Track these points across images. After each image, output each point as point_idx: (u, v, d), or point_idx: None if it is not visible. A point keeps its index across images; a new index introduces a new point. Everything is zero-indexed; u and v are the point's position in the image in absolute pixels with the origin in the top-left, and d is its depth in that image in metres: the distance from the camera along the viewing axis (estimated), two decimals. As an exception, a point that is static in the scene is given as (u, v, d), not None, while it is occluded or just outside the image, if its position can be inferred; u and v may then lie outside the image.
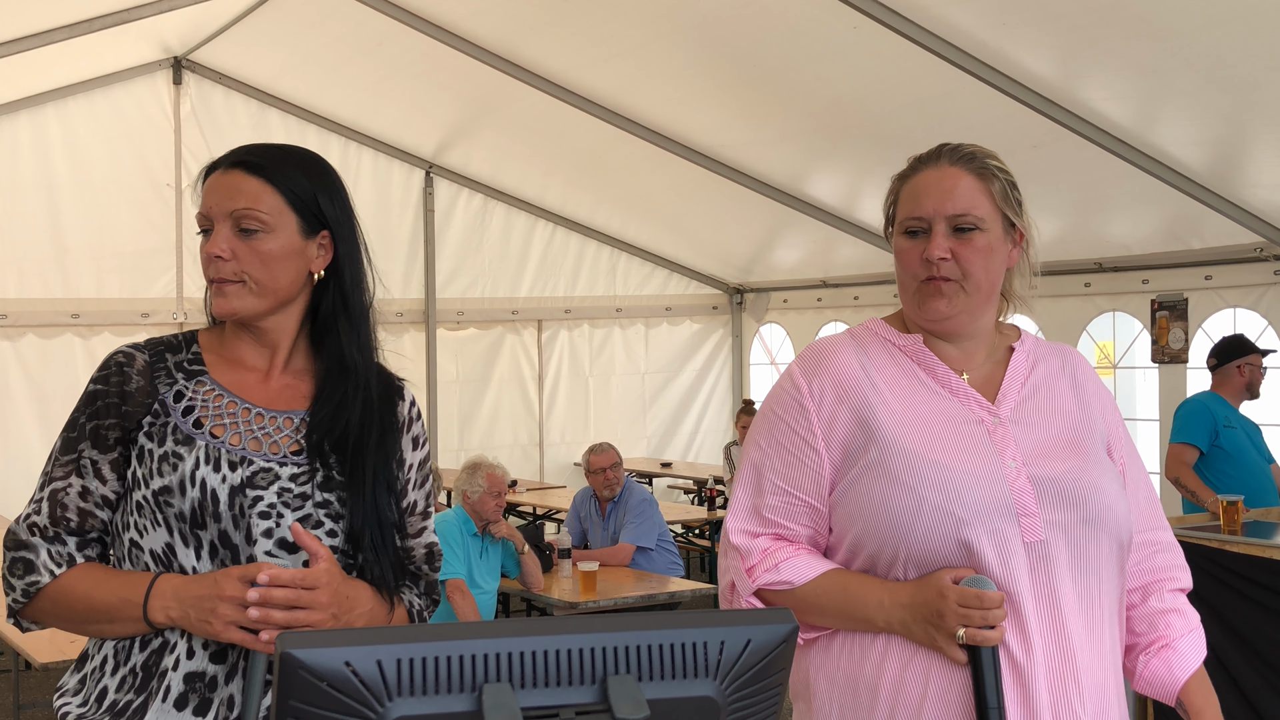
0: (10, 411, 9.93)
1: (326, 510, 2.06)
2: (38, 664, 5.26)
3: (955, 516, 2.08)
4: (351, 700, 1.24)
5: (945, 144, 2.28)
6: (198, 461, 2.02)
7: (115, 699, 2.03)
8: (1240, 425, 6.61)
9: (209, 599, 1.94)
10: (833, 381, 2.21)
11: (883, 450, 2.14)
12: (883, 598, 2.11)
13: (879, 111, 7.87)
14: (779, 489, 2.20)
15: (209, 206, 2.09)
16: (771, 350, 12.82)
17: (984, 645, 2.04)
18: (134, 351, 2.11)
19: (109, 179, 10.11)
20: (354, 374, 2.15)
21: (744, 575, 2.18)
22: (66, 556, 2.04)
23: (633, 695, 1.28)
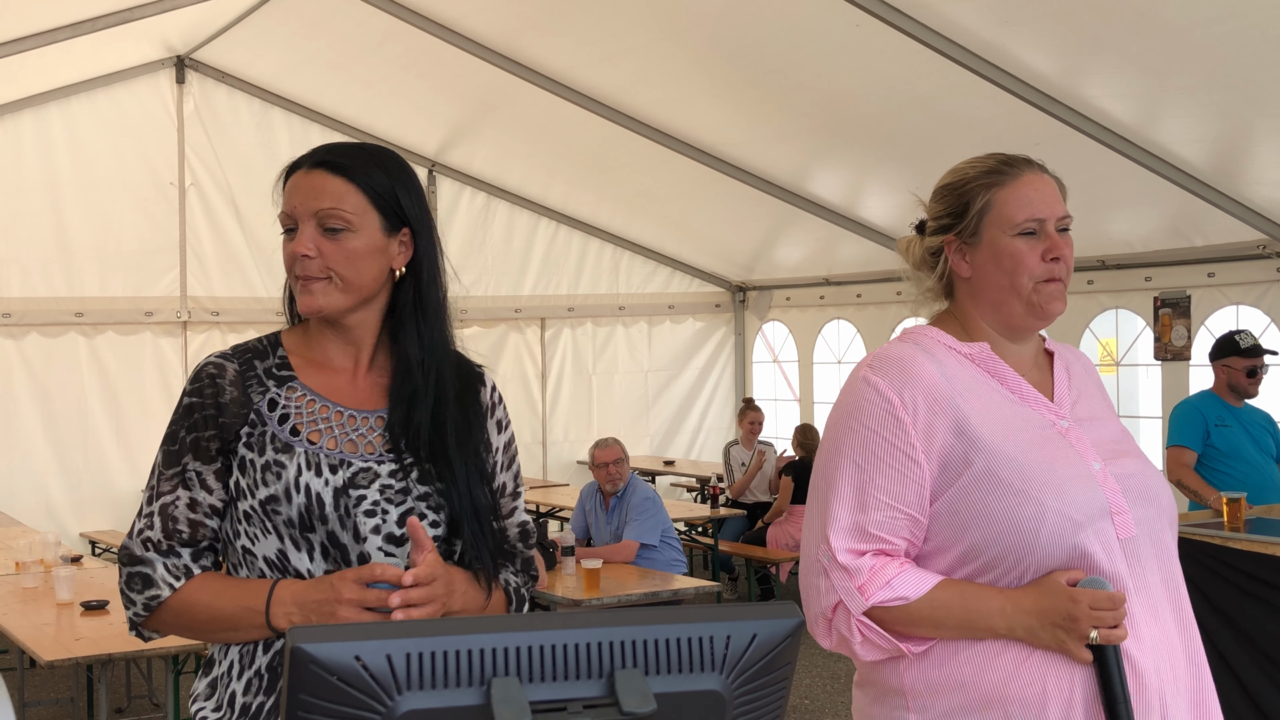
0: (14, 410, 9.94)
1: (427, 502, 2.10)
2: (43, 662, 5.26)
3: (1072, 520, 2.13)
4: (361, 694, 1.25)
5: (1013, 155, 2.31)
6: (299, 468, 2.05)
7: (245, 702, 2.06)
8: (1239, 422, 6.60)
9: (328, 603, 1.98)
10: (923, 392, 2.20)
11: (989, 459, 2.16)
12: (1005, 606, 2.13)
13: (881, 109, 7.88)
14: (883, 504, 2.19)
15: (293, 206, 2.10)
16: (774, 348, 12.83)
17: (1114, 643, 2.09)
18: (224, 361, 2.12)
19: (112, 178, 10.13)
20: (422, 371, 2.17)
21: (856, 594, 2.16)
22: (183, 569, 2.08)
23: (639, 689, 1.28)
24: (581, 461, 12.11)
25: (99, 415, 10.16)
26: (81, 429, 10.14)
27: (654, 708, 1.28)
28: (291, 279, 2.12)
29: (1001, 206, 2.26)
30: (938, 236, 2.33)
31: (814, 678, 7.78)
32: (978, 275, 2.29)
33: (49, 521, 9.62)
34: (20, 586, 6.57)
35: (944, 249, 2.33)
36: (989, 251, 2.26)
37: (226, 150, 10.33)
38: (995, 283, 2.27)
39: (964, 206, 2.29)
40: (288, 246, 2.11)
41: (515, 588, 2.24)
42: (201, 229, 10.44)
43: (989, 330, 2.32)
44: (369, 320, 2.17)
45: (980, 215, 2.27)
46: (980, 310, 2.31)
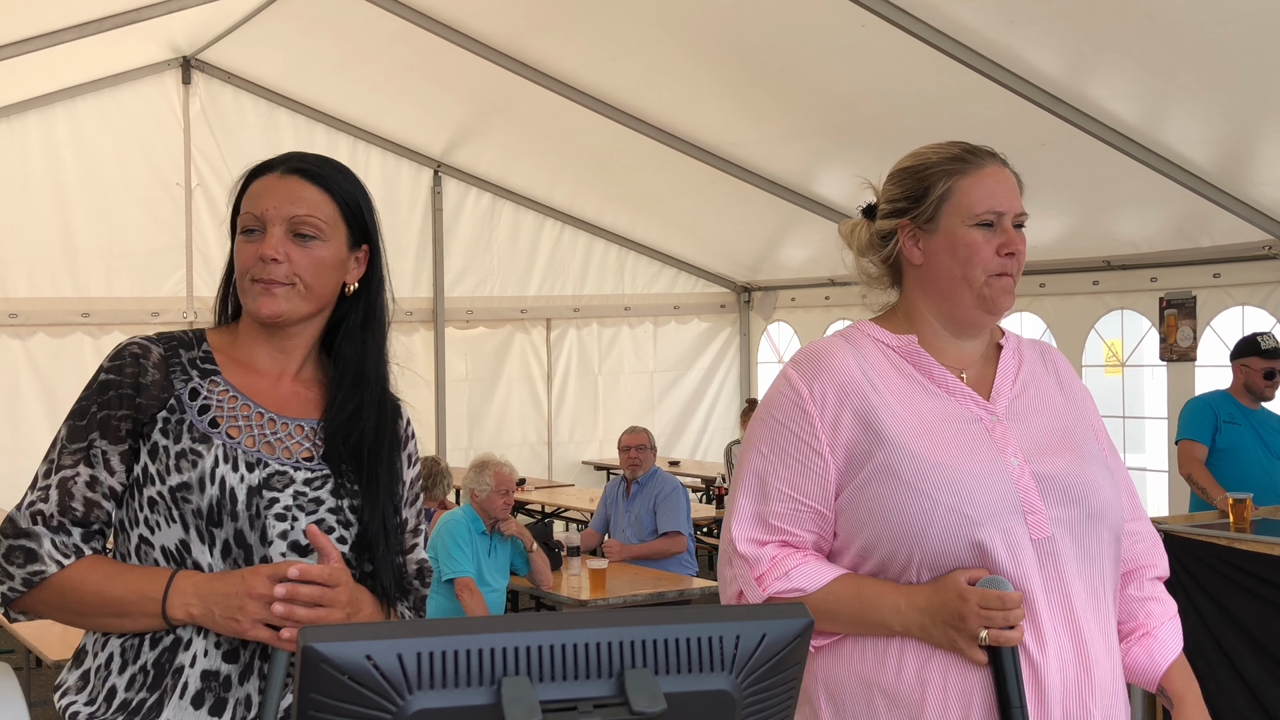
0: (21, 410, 9.95)
1: (338, 517, 2.07)
2: (49, 660, 5.28)
3: (968, 517, 2.09)
4: (372, 693, 1.26)
5: (976, 145, 2.28)
6: (217, 459, 2.02)
7: (127, 697, 2.01)
8: (1250, 424, 6.59)
9: (236, 596, 1.94)
10: (834, 385, 2.19)
11: (890, 453, 2.13)
12: (899, 602, 2.10)
13: (887, 110, 7.87)
14: (785, 495, 2.18)
15: (265, 209, 2.09)
16: (779, 348, 12.82)
17: (1006, 645, 2.04)
18: (148, 344, 2.10)
19: (118, 179, 10.14)
20: (370, 385, 2.18)
21: (753, 584, 2.16)
22: (73, 547, 2.01)
23: (649, 688, 1.29)
24: (587, 461, 12.12)
25: (105, 415, 10.15)
26: (88, 429, 10.13)
27: (664, 707, 1.28)
28: (245, 281, 2.09)
29: (962, 195, 2.22)
30: (891, 220, 2.30)
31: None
32: (929, 263, 2.25)
33: (55, 521, 9.62)
34: (27, 586, 6.57)
35: (896, 233, 2.29)
36: (944, 239, 2.23)
37: (232, 151, 10.34)
38: (947, 272, 2.23)
39: (923, 191, 2.25)
40: (248, 248, 2.09)
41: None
42: (208, 230, 10.44)
43: (932, 320, 2.28)
44: (309, 331, 2.16)
45: (939, 201, 2.23)
46: (928, 299, 2.27)
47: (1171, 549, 5.27)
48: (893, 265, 2.32)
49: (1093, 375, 9.55)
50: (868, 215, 2.37)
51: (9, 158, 9.84)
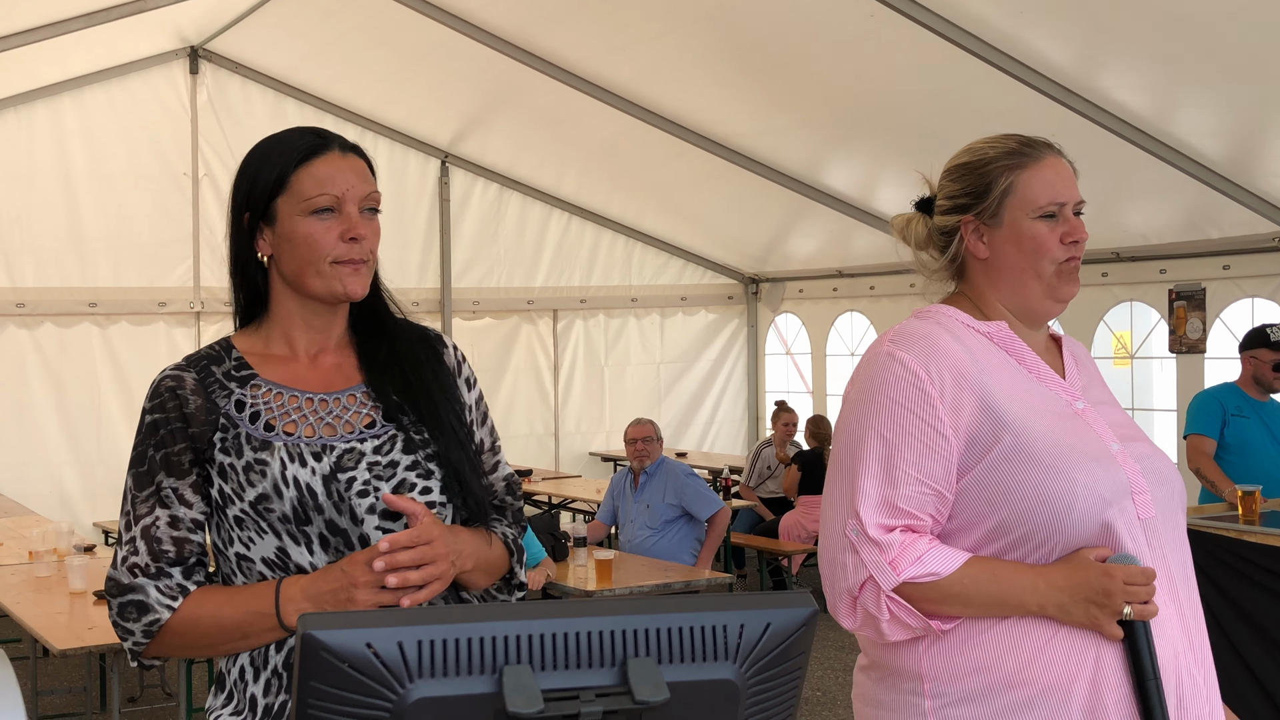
0: (28, 399, 9.98)
1: (416, 471, 2.08)
2: (56, 650, 5.28)
3: (1102, 498, 2.12)
4: (372, 681, 1.25)
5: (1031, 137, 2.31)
6: (283, 462, 2.01)
7: (267, 703, 2.03)
8: (1258, 416, 6.57)
9: (344, 589, 1.95)
10: (949, 367, 2.19)
11: (1018, 436, 2.15)
12: (1036, 582, 2.12)
13: (895, 100, 7.86)
14: (912, 479, 2.17)
15: (345, 188, 2.07)
16: (787, 340, 12.81)
17: (1145, 619, 2.09)
18: (180, 373, 2.08)
19: (126, 168, 10.15)
20: (391, 327, 2.19)
21: (887, 569, 2.14)
22: (177, 588, 2.03)
23: (653, 678, 1.28)
24: (594, 453, 12.12)
25: (113, 405, 10.18)
26: (95, 419, 10.17)
27: (667, 696, 1.27)
28: (323, 263, 2.06)
29: (1024, 189, 2.25)
30: (952, 216, 2.31)
31: (826, 669, 7.77)
32: (996, 257, 2.28)
33: (62, 511, 9.65)
34: (33, 575, 6.59)
35: (959, 229, 2.30)
36: (1010, 233, 2.26)
37: (240, 141, 10.33)
38: (1015, 265, 2.26)
39: (985, 187, 2.27)
40: (329, 228, 2.06)
41: (512, 539, 2.24)
42: (215, 220, 10.44)
43: (1004, 312, 2.30)
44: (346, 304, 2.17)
45: (1002, 197, 2.26)
46: (998, 292, 2.29)
47: (1180, 541, 5.27)
48: (955, 262, 2.35)
49: (1101, 367, 9.42)
50: (923, 210, 2.39)
51: (17, 147, 9.86)
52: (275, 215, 2.08)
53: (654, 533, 7.84)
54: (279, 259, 2.10)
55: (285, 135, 2.14)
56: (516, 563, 2.23)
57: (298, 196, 2.06)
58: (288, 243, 2.08)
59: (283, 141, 2.12)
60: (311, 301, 2.11)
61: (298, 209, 2.06)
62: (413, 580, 1.94)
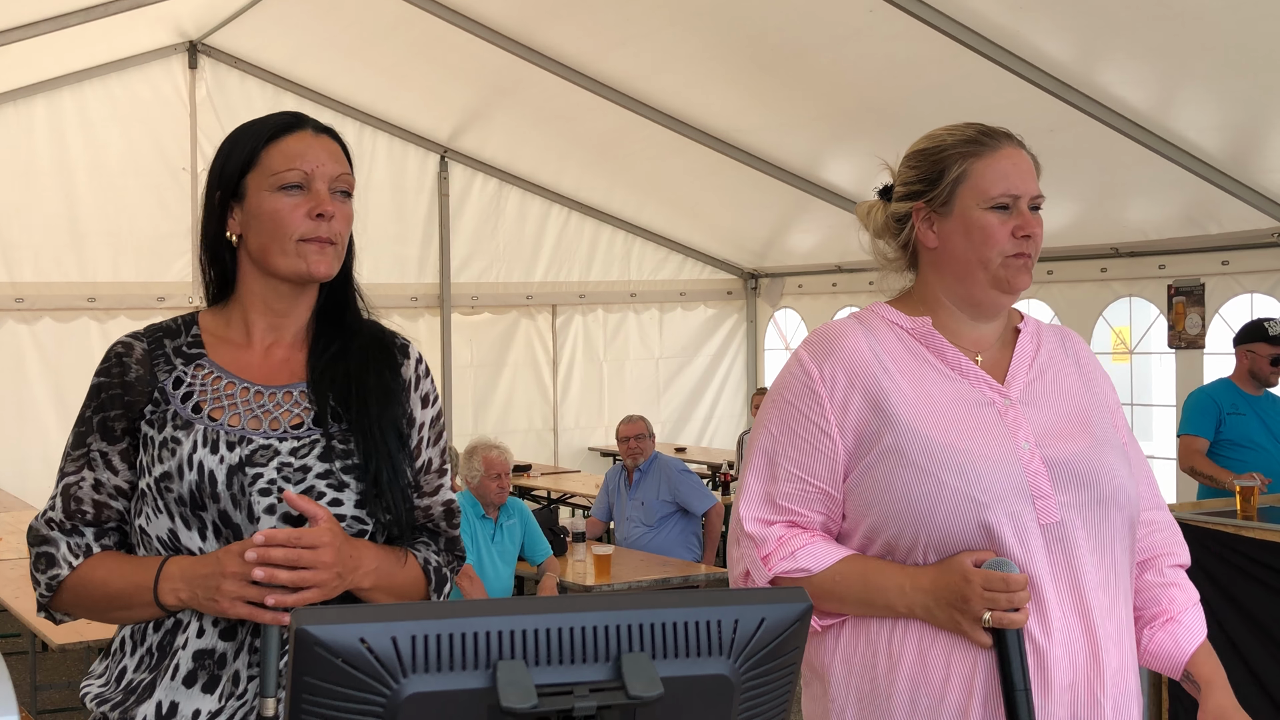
0: (27, 394, 9.97)
1: (328, 480, 2.05)
2: (55, 645, 5.29)
3: (975, 500, 2.08)
4: (366, 676, 1.25)
5: (992, 126, 2.26)
6: (195, 445, 2.02)
7: (132, 678, 2.05)
8: (1254, 411, 6.56)
9: (213, 576, 1.96)
10: (844, 366, 2.18)
11: (898, 435, 2.12)
12: (903, 583, 2.10)
13: (895, 96, 7.85)
14: (793, 476, 2.18)
15: (314, 166, 2.06)
16: (786, 335, 12.81)
17: (1009, 628, 2.03)
18: (132, 341, 2.12)
19: (125, 163, 10.13)
20: (351, 326, 2.17)
21: (760, 564, 2.16)
22: (84, 547, 2.07)
23: (647, 673, 1.28)
24: (593, 448, 12.12)
25: (111, 400, 10.17)
26: (94, 414, 10.15)
27: (661, 691, 1.27)
28: (290, 241, 2.05)
29: (977, 178, 2.21)
30: (906, 203, 2.28)
31: (824, 665, 7.77)
32: (944, 246, 2.24)
33: (61, 505, 9.64)
34: (32, 570, 6.58)
35: (911, 216, 2.28)
36: (959, 222, 2.22)
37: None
38: (962, 255, 2.22)
39: (938, 174, 2.24)
40: (297, 205, 2.05)
41: (436, 566, 2.20)
42: (214, 215, 10.44)
43: (946, 304, 2.27)
44: (314, 291, 2.15)
45: (954, 184, 2.22)
46: (942, 282, 2.26)
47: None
48: (909, 248, 2.31)
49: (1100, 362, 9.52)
50: (884, 197, 2.36)
51: (16, 142, 9.84)
52: (244, 192, 2.08)
53: (650, 529, 7.84)
54: (246, 237, 2.09)
55: (262, 118, 2.15)
56: (434, 591, 2.19)
57: (266, 171, 2.07)
58: (255, 219, 2.07)
59: (257, 122, 2.14)
60: (276, 282, 2.10)
61: (266, 184, 2.06)
62: (280, 579, 1.93)
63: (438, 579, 2.19)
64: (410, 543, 2.16)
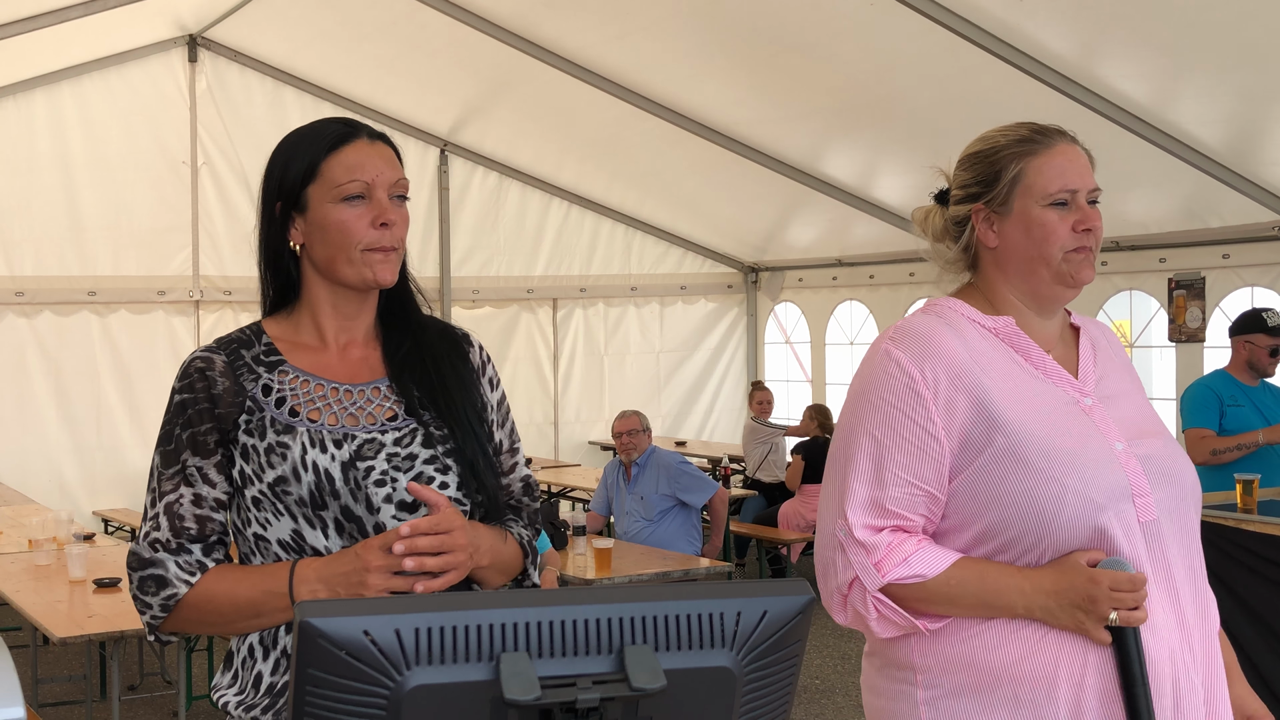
0: (27, 388, 9.98)
1: (435, 465, 2.10)
2: (56, 639, 5.29)
3: (1093, 502, 2.10)
4: (370, 669, 1.25)
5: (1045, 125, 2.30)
6: (304, 447, 2.05)
7: (272, 681, 2.06)
8: (1251, 401, 6.53)
9: (356, 573, 1.98)
10: (945, 367, 2.17)
11: (1011, 438, 2.13)
12: (1023, 585, 2.11)
13: (895, 90, 7.85)
14: (901, 480, 2.17)
15: (375, 175, 2.09)
16: (786, 329, 12.81)
17: (1133, 625, 2.07)
18: (210, 355, 2.12)
19: (125, 157, 10.13)
20: (416, 324, 2.22)
21: (872, 570, 2.14)
22: (196, 564, 2.06)
23: (649, 665, 1.28)
24: (593, 442, 12.13)
25: (112, 394, 10.19)
26: (94, 408, 10.17)
27: (664, 684, 1.27)
28: (355, 250, 2.08)
29: (1034, 176, 2.23)
30: (964, 205, 2.30)
31: (824, 658, 7.78)
32: (1005, 245, 2.26)
33: (62, 499, 9.66)
34: (33, 564, 6.60)
35: (970, 218, 2.30)
36: (1019, 221, 2.24)
37: (239, 129, 10.34)
38: (1024, 253, 2.24)
39: (995, 175, 2.26)
40: (360, 215, 2.08)
41: (528, 540, 2.26)
42: (214, 208, 10.45)
43: (1015, 303, 2.29)
44: (377, 291, 2.19)
45: (1012, 184, 2.24)
46: (1007, 281, 2.28)
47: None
48: (969, 250, 2.33)
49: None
50: (940, 201, 2.38)
51: (16, 136, 9.84)
52: (307, 203, 2.11)
53: (649, 524, 7.84)
54: (310, 247, 2.13)
55: (314, 126, 2.17)
56: (530, 564, 2.25)
57: (329, 183, 2.09)
58: (320, 230, 2.11)
59: (313, 131, 2.15)
60: (342, 289, 2.14)
61: (329, 196, 2.09)
62: (430, 566, 1.97)
63: (531, 551, 2.25)
64: (502, 520, 2.21)
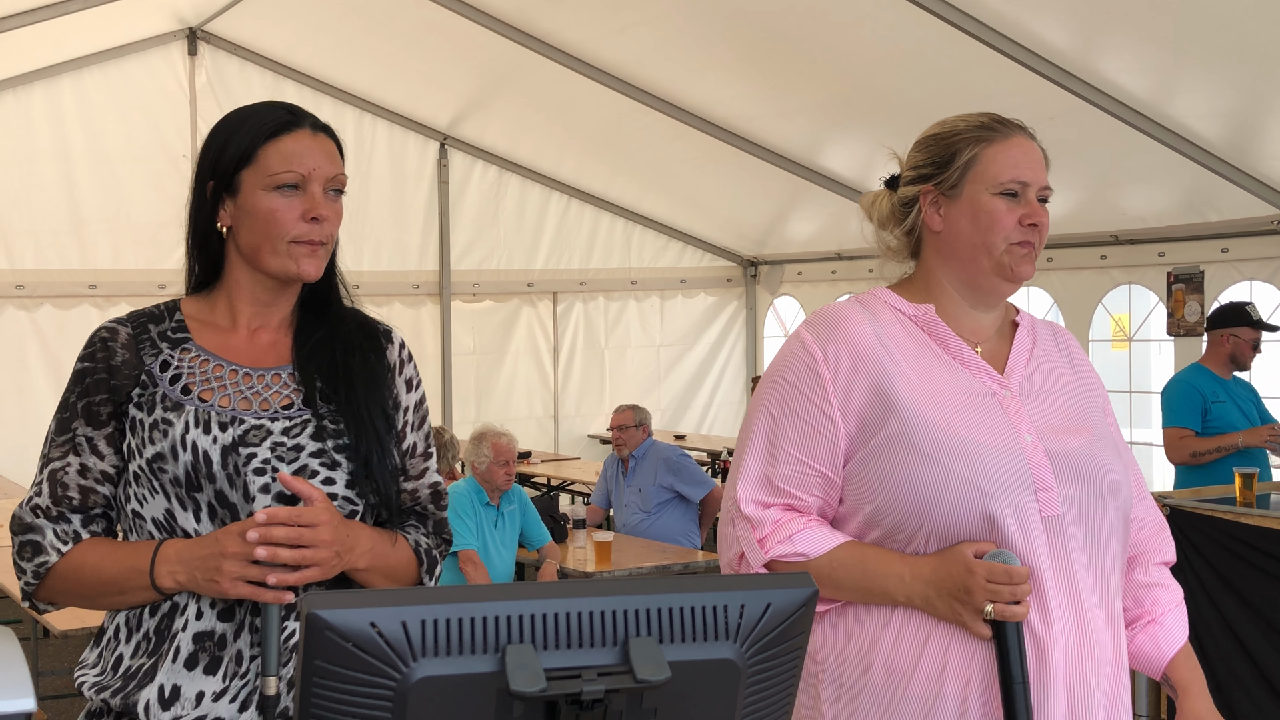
0: (27, 382, 9.97)
1: (321, 459, 2.07)
2: (57, 631, 5.30)
3: (981, 490, 2.07)
4: (376, 660, 1.26)
5: (1006, 116, 2.28)
6: (187, 425, 2.02)
7: (130, 664, 2.04)
8: (1230, 396, 6.52)
9: (213, 557, 1.96)
10: (849, 349, 2.17)
11: (904, 422, 2.11)
12: (903, 572, 2.09)
13: (895, 83, 7.84)
14: (793, 458, 2.17)
15: (311, 168, 2.07)
16: (786, 323, 12.81)
17: (1011, 620, 2.03)
18: (116, 326, 2.11)
19: (124, 150, 10.12)
20: (335, 314, 2.19)
21: (756, 546, 2.15)
22: (72, 534, 2.05)
23: (654, 657, 1.29)
24: (593, 435, 12.13)
25: (112, 387, 10.18)
26: (94, 401, 10.16)
27: (668, 676, 1.28)
28: (281, 242, 2.06)
29: (988, 163, 2.22)
30: (914, 186, 2.30)
31: (824, 651, 7.79)
32: (949, 230, 2.25)
33: (62, 493, 9.65)
34: (34, 557, 6.59)
35: (919, 199, 2.29)
36: (967, 207, 2.22)
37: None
38: (967, 239, 2.23)
39: (949, 158, 2.25)
40: (291, 206, 2.06)
41: (427, 548, 2.22)
42: (214, 202, 10.43)
43: (949, 291, 2.27)
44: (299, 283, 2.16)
45: (965, 168, 2.23)
46: (946, 267, 2.27)
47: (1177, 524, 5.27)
48: (912, 236, 2.32)
49: (1100, 350, 9.53)
50: (890, 186, 2.38)
51: (15, 129, 9.83)
52: (239, 187, 2.09)
53: (647, 516, 7.85)
54: (237, 231, 2.10)
55: (257, 108, 2.14)
56: (425, 573, 2.20)
57: (264, 171, 2.07)
58: (248, 216, 2.08)
59: (254, 114, 2.12)
60: (263, 277, 2.12)
61: (262, 183, 2.07)
62: (283, 558, 1.94)
63: (429, 560, 2.21)
64: (399, 525, 2.18)
